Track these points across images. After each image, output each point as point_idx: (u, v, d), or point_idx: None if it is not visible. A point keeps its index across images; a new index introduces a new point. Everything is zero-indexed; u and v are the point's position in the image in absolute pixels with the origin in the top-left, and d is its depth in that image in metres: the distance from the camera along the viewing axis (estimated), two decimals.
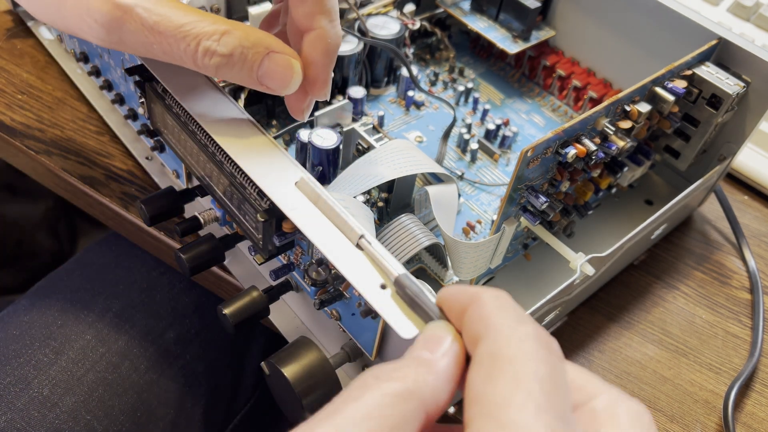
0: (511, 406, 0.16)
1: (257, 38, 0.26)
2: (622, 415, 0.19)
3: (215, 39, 0.25)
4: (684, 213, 0.46)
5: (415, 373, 0.19)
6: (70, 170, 0.43)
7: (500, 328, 0.18)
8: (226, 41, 0.25)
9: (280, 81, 0.27)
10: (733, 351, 0.41)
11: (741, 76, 0.38)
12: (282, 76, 0.27)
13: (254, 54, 0.26)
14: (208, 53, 0.25)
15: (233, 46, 0.25)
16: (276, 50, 0.27)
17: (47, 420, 0.41)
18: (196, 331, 0.48)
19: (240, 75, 0.26)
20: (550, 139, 0.32)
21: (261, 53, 0.26)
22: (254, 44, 0.26)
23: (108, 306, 0.47)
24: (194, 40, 0.25)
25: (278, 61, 0.27)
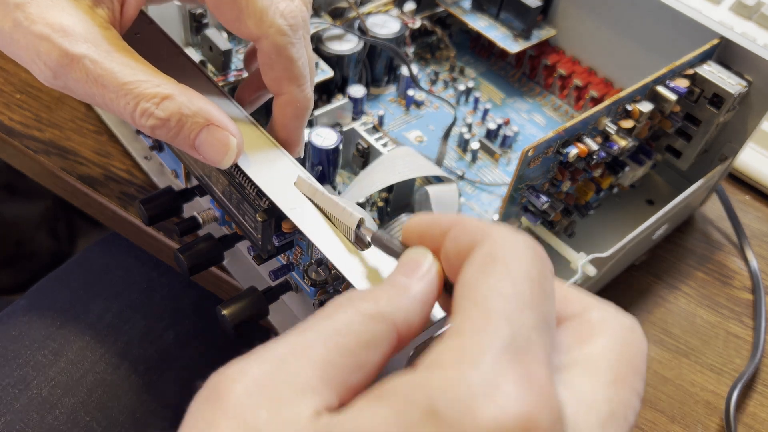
0: (498, 297, 0.17)
1: (198, 108, 0.26)
2: (616, 326, 0.19)
3: (154, 102, 0.25)
4: (685, 213, 0.46)
5: (389, 295, 0.19)
6: (69, 170, 0.43)
7: (497, 233, 0.19)
8: (165, 106, 0.25)
9: (214, 155, 0.27)
10: (735, 351, 0.41)
11: (743, 76, 0.38)
12: (217, 151, 0.27)
13: (192, 124, 0.26)
14: (145, 114, 0.25)
15: (171, 112, 0.25)
16: (216, 123, 0.26)
17: (46, 421, 0.41)
18: (196, 332, 0.48)
19: (175, 140, 0.26)
20: (551, 139, 0.31)
21: (199, 124, 0.26)
22: (194, 114, 0.26)
23: (107, 307, 0.46)
24: (133, 100, 0.25)
25: (215, 136, 0.26)
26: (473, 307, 0.17)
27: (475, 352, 0.16)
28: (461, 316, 0.17)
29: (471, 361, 0.15)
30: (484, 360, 0.15)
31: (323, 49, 0.43)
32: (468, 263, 0.18)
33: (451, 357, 0.16)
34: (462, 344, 0.16)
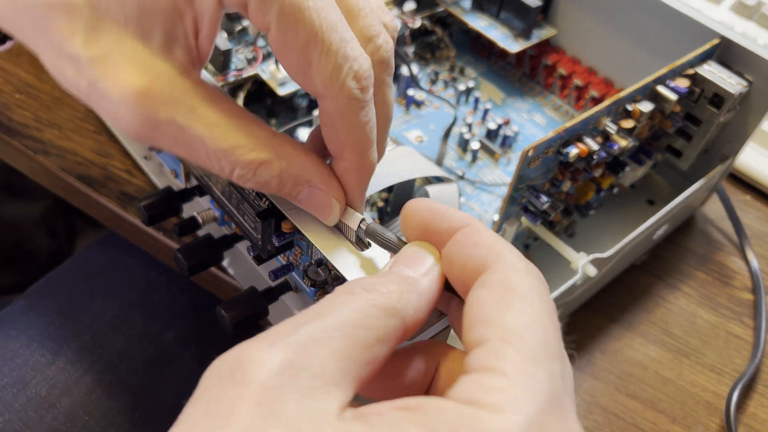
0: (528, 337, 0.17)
1: (299, 172, 0.24)
2: None
3: (251, 169, 0.23)
4: (686, 213, 0.46)
5: (400, 290, 0.19)
6: (68, 170, 0.43)
7: (507, 259, 0.19)
8: (263, 173, 0.23)
9: (316, 213, 0.26)
10: (735, 352, 0.41)
11: (743, 76, 0.38)
12: (319, 212, 0.25)
13: (292, 187, 0.24)
14: (242, 179, 0.23)
15: (270, 177, 0.24)
16: (317, 185, 0.25)
17: (45, 421, 0.41)
18: (195, 332, 0.48)
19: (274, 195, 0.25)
20: (551, 139, 0.31)
21: (300, 187, 0.24)
22: (294, 178, 0.24)
23: (106, 307, 0.46)
24: (228, 166, 0.23)
25: (318, 198, 0.25)
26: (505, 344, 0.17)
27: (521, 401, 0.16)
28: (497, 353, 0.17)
29: (517, 409, 0.16)
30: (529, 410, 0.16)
31: None
32: (483, 286, 0.19)
33: (497, 398, 0.16)
34: (507, 387, 0.16)
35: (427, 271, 0.20)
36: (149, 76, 0.21)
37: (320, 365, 0.17)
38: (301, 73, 0.22)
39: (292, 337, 0.17)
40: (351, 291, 0.19)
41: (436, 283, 0.21)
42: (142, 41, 0.21)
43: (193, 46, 0.23)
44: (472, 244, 0.20)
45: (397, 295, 0.19)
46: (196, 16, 0.22)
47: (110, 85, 0.21)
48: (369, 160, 0.25)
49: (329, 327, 0.17)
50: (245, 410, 0.15)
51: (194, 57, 0.23)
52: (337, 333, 0.17)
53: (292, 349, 0.17)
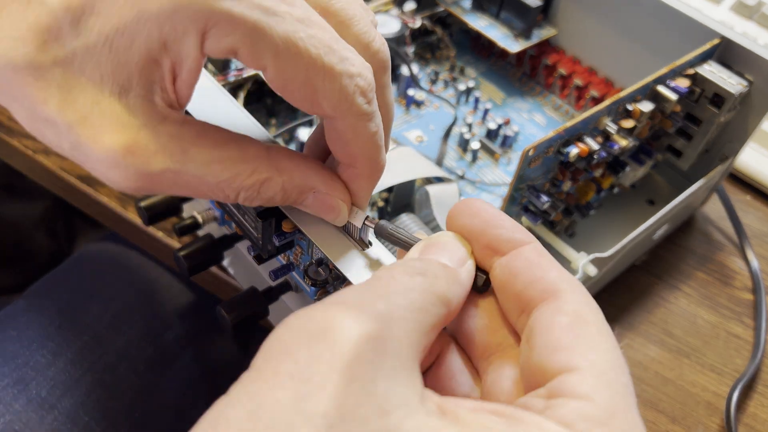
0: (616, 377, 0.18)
1: (301, 182, 0.24)
2: None
3: (254, 190, 0.23)
4: (686, 213, 0.46)
5: (447, 279, 0.19)
6: (68, 169, 0.43)
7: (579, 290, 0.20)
8: (266, 190, 0.23)
9: (324, 216, 0.26)
10: (736, 352, 0.41)
11: (743, 75, 0.38)
12: (326, 213, 0.25)
13: (297, 196, 0.24)
14: (248, 200, 0.23)
15: (274, 192, 0.24)
16: (321, 190, 0.25)
17: (45, 421, 0.41)
18: (195, 332, 0.48)
19: (280, 206, 0.26)
20: (551, 139, 0.31)
21: (305, 195, 0.24)
22: (297, 188, 0.24)
23: (106, 307, 0.46)
24: (233, 193, 0.23)
25: (324, 201, 0.25)
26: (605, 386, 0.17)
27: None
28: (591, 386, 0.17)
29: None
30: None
31: None
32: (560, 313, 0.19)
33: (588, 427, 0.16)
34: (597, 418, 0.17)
35: (463, 262, 0.20)
36: (132, 132, 0.21)
37: (400, 344, 0.16)
38: (308, 101, 0.22)
39: (377, 310, 0.16)
40: (408, 272, 0.18)
41: (471, 275, 0.21)
42: (120, 97, 0.21)
43: (172, 91, 0.22)
44: (542, 266, 0.20)
45: (446, 283, 0.19)
46: (174, 62, 0.21)
47: (94, 147, 0.20)
48: (379, 164, 0.25)
49: (402, 304, 0.17)
50: (336, 380, 0.15)
51: (173, 101, 0.22)
52: (408, 313, 0.17)
53: (379, 322, 0.16)
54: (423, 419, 0.15)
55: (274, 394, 0.14)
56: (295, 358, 0.15)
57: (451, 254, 0.21)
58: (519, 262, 0.20)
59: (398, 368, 0.16)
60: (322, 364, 0.15)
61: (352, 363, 0.15)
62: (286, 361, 0.15)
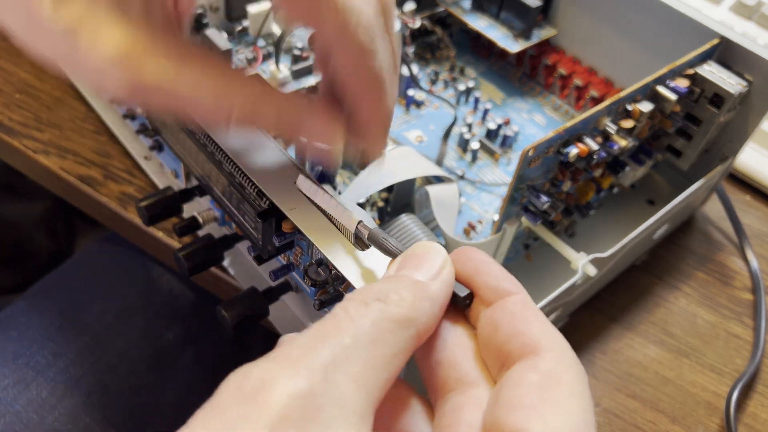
0: None
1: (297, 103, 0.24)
2: None
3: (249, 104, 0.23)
4: (686, 213, 0.46)
5: (413, 297, 0.18)
6: (69, 170, 0.43)
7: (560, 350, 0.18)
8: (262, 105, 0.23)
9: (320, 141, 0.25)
10: (735, 352, 0.41)
11: (743, 76, 0.38)
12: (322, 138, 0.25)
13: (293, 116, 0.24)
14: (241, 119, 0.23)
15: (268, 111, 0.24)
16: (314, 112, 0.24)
17: (46, 422, 0.41)
18: (195, 333, 0.48)
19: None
20: (551, 139, 0.31)
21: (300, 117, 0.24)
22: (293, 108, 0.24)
23: (106, 307, 0.46)
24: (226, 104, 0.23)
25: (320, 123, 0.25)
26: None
27: None
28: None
29: None
30: None
31: None
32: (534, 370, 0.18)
33: None
34: None
35: (437, 273, 0.20)
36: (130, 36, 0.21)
37: (343, 393, 0.16)
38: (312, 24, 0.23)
39: (313, 361, 0.16)
40: (364, 301, 0.18)
41: (447, 287, 0.20)
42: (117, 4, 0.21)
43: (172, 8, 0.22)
44: (526, 320, 0.19)
45: (410, 303, 0.18)
46: None
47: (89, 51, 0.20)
48: (386, 107, 0.25)
49: (348, 346, 0.17)
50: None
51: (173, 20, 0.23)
52: (355, 353, 0.17)
53: (317, 374, 0.16)
54: None
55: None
56: (224, 416, 0.15)
57: (427, 266, 0.20)
58: (502, 314, 0.19)
59: (340, 417, 0.15)
60: (248, 424, 0.15)
61: (278, 422, 0.15)
62: (216, 420, 0.15)
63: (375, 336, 0.17)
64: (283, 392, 0.15)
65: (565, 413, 0.17)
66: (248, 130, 0.24)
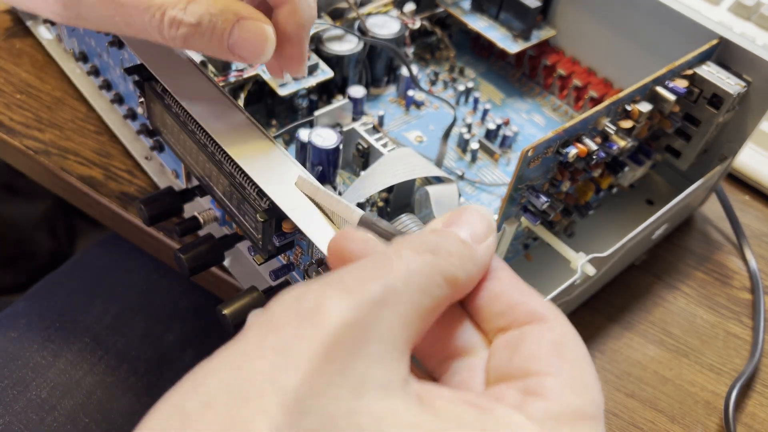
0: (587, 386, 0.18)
1: (225, 5, 0.24)
2: None
3: (181, 8, 0.23)
4: (685, 213, 0.46)
5: (460, 256, 0.19)
6: (69, 170, 0.43)
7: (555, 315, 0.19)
8: (193, 10, 0.23)
9: (252, 49, 0.25)
10: (734, 351, 0.41)
11: (742, 76, 0.38)
12: (254, 44, 0.25)
13: (223, 21, 0.24)
14: (174, 23, 0.23)
15: (200, 14, 0.24)
16: (246, 17, 0.25)
17: (45, 423, 0.41)
18: (196, 333, 0.48)
19: (210, 45, 0.25)
20: (550, 139, 0.31)
21: (230, 20, 0.24)
22: (222, 11, 0.24)
23: (106, 308, 0.46)
24: (159, 11, 0.23)
25: (249, 28, 0.25)
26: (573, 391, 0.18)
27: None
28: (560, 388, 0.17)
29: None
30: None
31: (323, 49, 0.43)
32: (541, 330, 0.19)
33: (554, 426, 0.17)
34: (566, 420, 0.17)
35: (483, 238, 0.20)
36: None
37: (389, 329, 0.16)
38: None
39: (366, 292, 0.16)
40: (417, 248, 0.18)
41: (491, 254, 0.20)
42: None
43: None
44: (526, 290, 0.20)
45: (458, 261, 0.18)
46: None
47: None
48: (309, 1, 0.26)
49: (399, 287, 0.17)
50: (314, 359, 0.15)
51: None
52: (405, 296, 0.17)
53: (366, 305, 0.16)
54: (397, 404, 0.15)
55: (253, 363, 0.15)
56: (280, 333, 0.16)
57: (473, 228, 0.20)
58: (500, 284, 0.20)
59: (382, 353, 0.16)
60: (303, 343, 0.15)
61: (332, 346, 0.15)
62: (272, 335, 0.16)
63: (423, 286, 0.17)
64: (338, 318, 0.16)
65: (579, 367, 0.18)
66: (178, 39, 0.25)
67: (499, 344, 0.19)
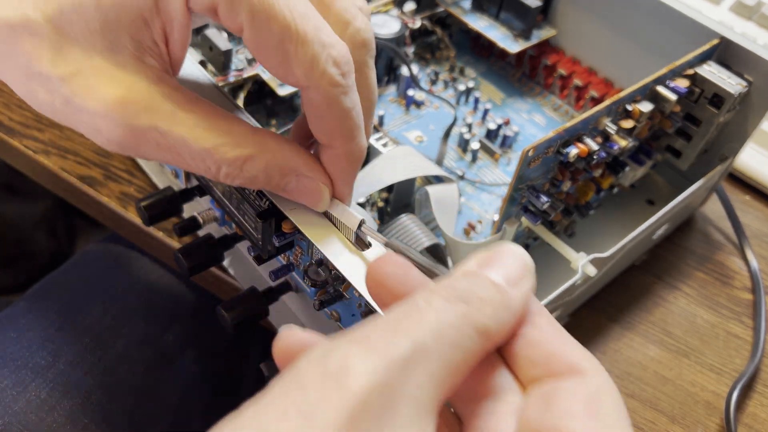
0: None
1: (284, 162, 0.24)
2: None
3: (237, 166, 0.23)
4: (685, 213, 0.46)
5: (493, 303, 0.18)
6: (69, 170, 0.43)
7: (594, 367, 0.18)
8: (249, 168, 0.24)
9: (307, 201, 0.26)
10: (735, 351, 0.41)
11: (743, 76, 0.38)
12: (308, 200, 0.26)
13: (280, 178, 0.25)
14: (230, 176, 0.24)
15: (257, 172, 0.24)
16: (304, 174, 0.25)
17: (45, 423, 0.41)
18: (195, 333, 0.48)
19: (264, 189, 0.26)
20: (551, 139, 0.31)
21: (288, 179, 0.25)
22: (280, 169, 0.24)
23: (106, 308, 0.46)
24: (214, 165, 0.23)
25: (306, 186, 0.25)
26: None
27: None
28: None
29: None
30: None
31: None
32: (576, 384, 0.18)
33: None
34: None
35: (519, 280, 0.18)
36: (125, 86, 0.22)
37: (418, 389, 0.16)
38: (282, 67, 0.23)
39: (394, 351, 0.16)
40: (448, 296, 0.17)
41: (526, 299, 0.19)
42: (112, 54, 0.22)
43: (165, 53, 0.23)
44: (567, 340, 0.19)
45: (492, 311, 0.17)
46: (164, 23, 0.22)
47: (86, 99, 0.21)
48: (358, 146, 0.25)
49: (429, 343, 0.16)
50: (339, 422, 0.14)
51: (167, 64, 0.23)
52: (435, 353, 0.16)
53: (394, 365, 0.15)
54: None
55: (279, 425, 0.15)
56: (306, 394, 0.15)
57: (507, 270, 0.19)
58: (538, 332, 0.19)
59: (411, 416, 0.15)
60: (330, 406, 0.15)
61: (358, 410, 0.15)
62: (298, 396, 0.15)
63: (455, 340, 0.17)
64: (365, 380, 0.15)
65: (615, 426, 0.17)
66: None
67: (534, 396, 0.18)
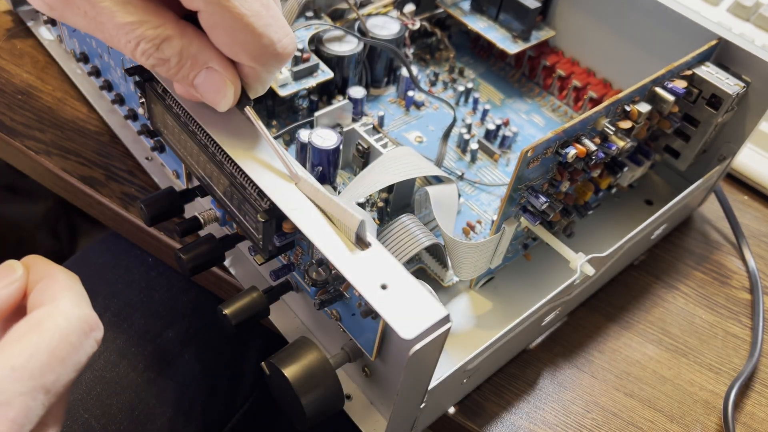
0: None
1: (197, 52, 0.26)
2: None
3: (155, 44, 0.25)
4: (684, 213, 0.46)
5: None
6: (70, 170, 0.43)
7: None
8: (165, 48, 0.25)
9: (211, 97, 0.27)
10: (733, 351, 0.41)
11: (741, 77, 0.38)
12: (213, 95, 0.27)
13: (191, 66, 0.26)
14: (146, 54, 0.25)
15: (171, 54, 0.25)
16: (213, 68, 0.26)
17: None
18: (195, 331, 0.48)
19: (174, 78, 0.27)
20: (550, 140, 0.32)
21: (198, 67, 0.26)
22: (194, 56, 0.26)
23: (106, 305, 0.47)
24: (134, 40, 0.25)
25: (213, 79, 0.26)
26: None
27: None
28: None
29: None
30: None
31: (323, 50, 0.43)
32: None
33: None
34: None
35: None
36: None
37: None
38: None
39: None
40: None
41: None
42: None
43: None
44: None
45: None
46: None
47: None
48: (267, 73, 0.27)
49: None
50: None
51: None
52: None
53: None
54: None
55: None
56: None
57: None
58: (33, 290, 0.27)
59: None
60: None
61: None
62: None
63: None
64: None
65: None
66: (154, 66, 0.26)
67: None
